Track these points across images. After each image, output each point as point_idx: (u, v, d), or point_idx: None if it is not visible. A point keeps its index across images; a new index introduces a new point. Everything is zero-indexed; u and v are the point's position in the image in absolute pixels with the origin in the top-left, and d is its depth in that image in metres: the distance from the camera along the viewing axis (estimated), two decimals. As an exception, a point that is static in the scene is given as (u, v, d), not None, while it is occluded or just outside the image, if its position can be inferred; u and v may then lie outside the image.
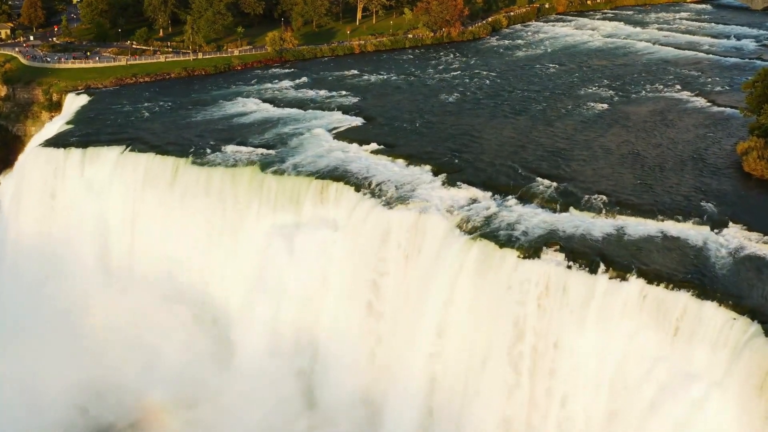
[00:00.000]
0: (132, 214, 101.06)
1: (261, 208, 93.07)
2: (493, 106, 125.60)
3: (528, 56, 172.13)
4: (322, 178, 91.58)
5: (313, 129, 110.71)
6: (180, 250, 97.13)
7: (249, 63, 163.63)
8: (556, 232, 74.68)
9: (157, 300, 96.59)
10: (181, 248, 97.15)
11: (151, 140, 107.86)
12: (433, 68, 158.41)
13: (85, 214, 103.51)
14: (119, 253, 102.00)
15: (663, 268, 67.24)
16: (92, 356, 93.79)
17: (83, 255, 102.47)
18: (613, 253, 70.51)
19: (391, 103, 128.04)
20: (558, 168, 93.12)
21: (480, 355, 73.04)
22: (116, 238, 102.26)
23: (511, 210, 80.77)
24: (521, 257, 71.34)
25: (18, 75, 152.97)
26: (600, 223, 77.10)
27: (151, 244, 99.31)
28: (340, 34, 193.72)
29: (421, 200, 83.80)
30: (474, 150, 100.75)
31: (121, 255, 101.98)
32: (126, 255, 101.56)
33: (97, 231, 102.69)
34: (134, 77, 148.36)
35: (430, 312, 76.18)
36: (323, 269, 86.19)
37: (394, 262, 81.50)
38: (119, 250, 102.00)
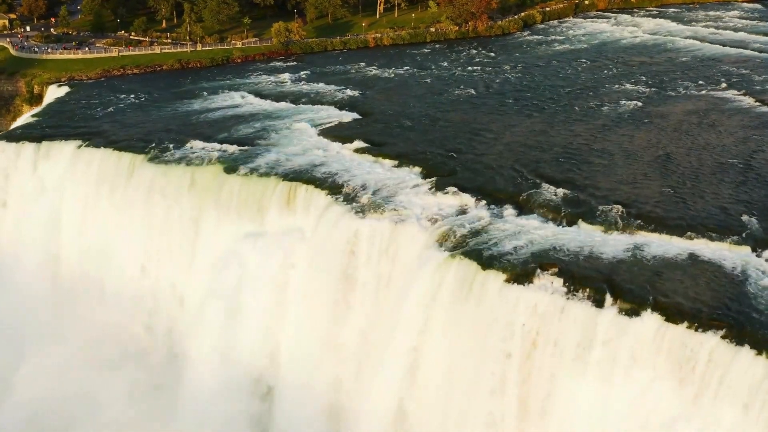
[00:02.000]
0: (83, 218, 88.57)
1: (220, 214, 79.69)
2: (509, 103, 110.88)
3: (559, 52, 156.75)
4: (290, 180, 77.97)
5: (297, 124, 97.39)
6: (131, 265, 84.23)
7: (251, 55, 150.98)
8: (557, 251, 59.96)
9: (107, 316, 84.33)
10: (132, 262, 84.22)
11: (117, 135, 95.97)
12: (450, 63, 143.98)
13: (35, 218, 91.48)
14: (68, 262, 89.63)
15: (687, 301, 52.18)
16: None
17: (31, 264, 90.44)
18: (624, 278, 55.62)
19: (394, 98, 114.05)
20: (571, 173, 78.30)
21: (456, 405, 58.49)
22: (67, 245, 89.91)
23: (506, 221, 66.22)
24: (508, 282, 56.72)
25: (3, 66, 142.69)
26: (613, 241, 62.22)
27: (101, 254, 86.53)
28: (357, 27, 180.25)
29: (400, 208, 69.71)
30: (476, 151, 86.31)
31: (71, 265, 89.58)
32: (76, 265, 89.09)
33: (46, 237, 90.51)
34: (122, 69, 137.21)
35: (399, 348, 61.85)
36: (283, 290, 72.41)
37: (362, 282, 67.50)
38: (68, 260, 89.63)
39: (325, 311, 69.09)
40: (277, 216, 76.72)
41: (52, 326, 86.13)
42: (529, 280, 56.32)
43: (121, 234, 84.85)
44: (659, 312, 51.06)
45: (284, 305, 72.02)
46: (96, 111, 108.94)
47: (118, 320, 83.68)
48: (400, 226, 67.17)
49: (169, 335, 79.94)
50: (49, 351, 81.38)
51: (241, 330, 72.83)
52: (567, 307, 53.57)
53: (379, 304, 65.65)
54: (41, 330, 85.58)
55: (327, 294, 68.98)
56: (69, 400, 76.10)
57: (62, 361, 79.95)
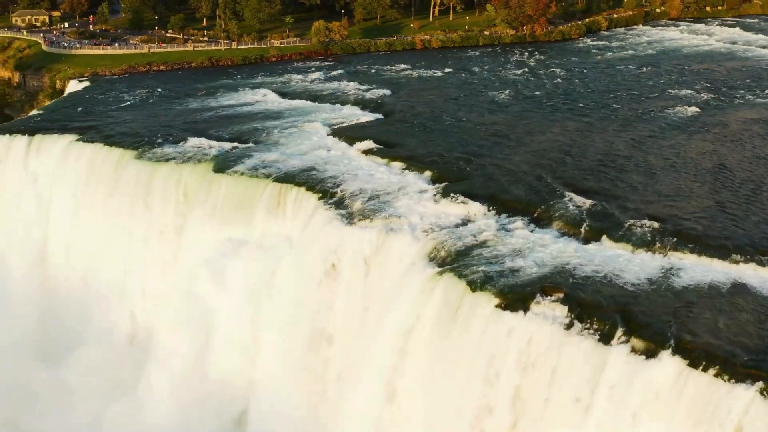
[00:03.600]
0: (70, 215, 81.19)
1: (205, 216, 71.07)
2: (550, 107, 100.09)
3: (619, 57, 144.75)
4: (282, 182, 68.98)
5: (310, 123, 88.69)
6: (112, 267, 76.29)
7: (287, 55, 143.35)
8: (568, 272, 49.37)
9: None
10: (113, 265, 76.27)
11: (116, 130, 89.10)
12: (497, 66, 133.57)
13: (25, 216, 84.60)
14: (55, 262, 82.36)
15: (719, 341, 41.09)
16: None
17: (18, 268, 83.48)
18: (645, 309, 44.77)
19: (425, 99, 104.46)
20: (604, 182, 67.46)
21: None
22: (54, 243, 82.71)
23: (513, 235, 55.80)
24: (500, 307, 46.37)
25: (31, 61, 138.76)
26: (640, 262, 51.34)
27: (86, 254, 79.01)
28: (407, 29, 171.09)
29: (395, 215, 59.93)
30: (500, 155, 76.06)
31: (58, 269, 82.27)
32: (63, 268, 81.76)
33: (33, 234, 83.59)
34: (148, 65, 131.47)
35: (373, 380, 51.99)
36: (261, 306, 63.27)
37: (343, 299, 57.89)
38: (55, 260, 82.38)
39: (304, 332, 59.70)
40: (263, 221, 67.91)
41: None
42: (526, 306, 45.91)
43: (105, 235, 77.16)
44: (682, 354, 40.14)
45: (261, 323, 62.75)
46: (105, 106, 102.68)
47: (96, 325, 75.96)
48: (389, 236, 57.43)
49: (138, 344, 71.62)
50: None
51: (213, 349, 63.87)
52: (568, 341, 42.95)
53: (357, 327, 55.86)
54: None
55: (306, 313, 59.57)
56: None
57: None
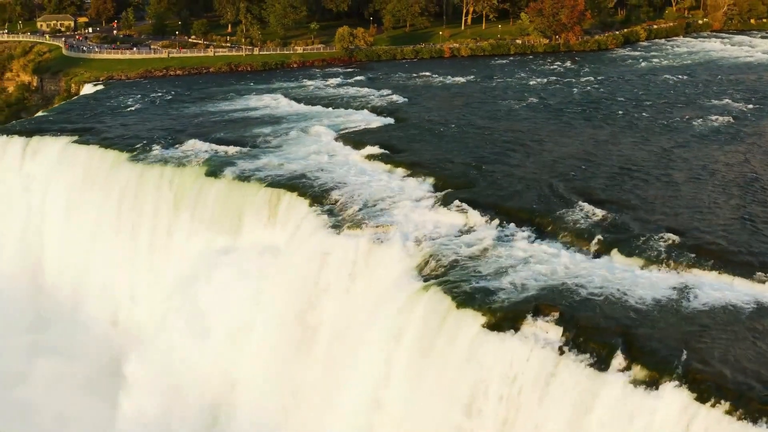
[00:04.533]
0: (63, 218, 77.94)
1: (193, 222, 66.98)
2: (575, 114, 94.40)
3: (655, 67, 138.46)
4: (275, 187, 64.51)
5: (316, 128, 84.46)
6: (97, 275, 72.72)
7: (309, 61, 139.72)
8: (569, 289, 43.89)
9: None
10: (98, 273, 72.67)
11: (115, 132, 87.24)
12: (526, 74, 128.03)
13: (18, 218, 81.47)
14: (49, 270, 78.92)
15: (734, 372, 35.36)
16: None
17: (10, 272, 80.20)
18: (651, 333, 39.16)
19: (444, 105, 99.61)
20: (622, 192, 61.74)
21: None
22: (47, 250, 79.41)
23: (513, 246, 50.43)
24: (487, 327, 41.03)
25: (50, 65, 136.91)
26: (652, 278, 45.64)
27: (75, 261, 75.51)
28: (437, 38, 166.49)
29: (387, 224, 54.96)
30: (513, 162, 70.72)
31: (51, 273, 78.82)
32: (55, 272, 78.31)
33: (27, 238, 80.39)
34: (165, 70, 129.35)
35: (355, 394, 46.99)
36: (244, 320, 58.58)
37: (327, 313, 52.98)
38: (49, 267, 79.02)
39: (286, 349, 54.90)
40: (253, 229, 63.48)
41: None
42: (516, 326, 40.52)
43: (93, 239, 73.65)
44: (689, 385, 34.51)
45: (243, 337, 58.06)
46: (111, 109, 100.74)
47: (82, 329, 72.15)
48: (378, 246, 52.46)
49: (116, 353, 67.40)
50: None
51: (191, 363, 59.35)
52: (559, 368, 37.48)
53: (339, 344, 50.88)
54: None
55: (288, 329, 54.82)
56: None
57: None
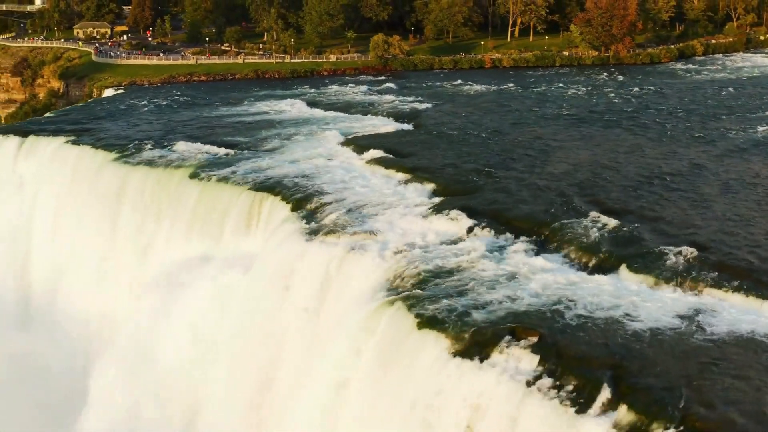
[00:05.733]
0: (53, 220, 73.43)
1: (174, 227, 61.61)
2: (610, 122, 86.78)
3: (706, 80, 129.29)
4: (258, 190, 58.86)
5: (325, 132, 79.04)
6: (77, 280, 67.89)
7: (341, 69, 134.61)
8: (556, 310, 36.82)
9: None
10: (78, 277, 67.81)
11: (115, 133, 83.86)
12: (567, 84, 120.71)
13: (9, 219, 77.41)
14: (36, 272, 74.46)
15: (742, 419, 28.01)
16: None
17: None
18: (647, 365, 31.98)
19: (469, 112, 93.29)
20: (642, 201, 54.36)
21: None
22: (36, 252, 75.06)
23: (504, 259, 43.58)
24: (450, 352, 34.22)
25: (77, 71, 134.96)
26: (662, 300, 38.35)
27: (60, 264, 71.04)
28: (481, 48, 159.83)
29: (369, 231, 48.54)
30: (527, 168, 63.86)
31: (38, 275, 74.33)
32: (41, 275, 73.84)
33: (16, 242, 76.15)
34: (189, 76, 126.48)
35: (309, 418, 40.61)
36: (208, 333, 52.74)
37: (294, 326, 46.79)
38: (36, 269, 74.53)
39: (253, 364, 48.91)
40: (233, 234, 57.72)
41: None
42: (484, 352, 33.63)
43: (77, 241, 69.13)
44: None
45: (209, 352, 52.17)
46: (120, 111, 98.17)
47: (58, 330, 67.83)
48: (353, 255, 46.04)
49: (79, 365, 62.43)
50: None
51: (151, 380, 53.70)
52: (526, 404, 30.48)
53: (300, 362, 44.63)
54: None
55: (255, 342, 48.80)
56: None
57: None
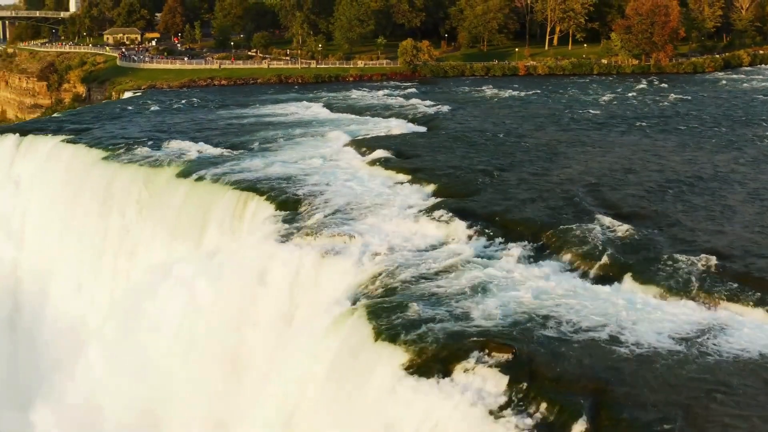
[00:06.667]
0: (44, 218, 70.08)
1: (157, 228, 57.60)
2: (637, 127, 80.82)
3: (750, 89, 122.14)
4: (244, 190, 54.63)
5: (332, 133, 75.08)
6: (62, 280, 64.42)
7: (367, 75, 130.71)
8: (538, 324, 31.68)
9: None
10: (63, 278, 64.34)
11: (116, 133, 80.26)
12: (602, 91, 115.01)
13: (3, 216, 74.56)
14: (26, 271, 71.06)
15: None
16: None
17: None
18: (634, 390, 26.81)
19: (490, 116, 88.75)
20: (659, 204, 49.07)
21: None
22: (27, 250, 71.61)
23: (493, 264, 38.53)
24: (407, 369, 29.25)
25: (99, 75, 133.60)
26: (670, 311, 33.23)
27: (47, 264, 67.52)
28: (516, 56, 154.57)
29: (350, 233, 43.84)
30: (539, 170, 58.79)
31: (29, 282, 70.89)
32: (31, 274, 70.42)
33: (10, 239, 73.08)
34: (210, 80, 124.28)
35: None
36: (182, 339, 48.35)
37: (260, 332, 42.35)
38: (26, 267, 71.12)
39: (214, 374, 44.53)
40: (217, 235, 53.44)
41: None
42: (445, 370, 28.66)
43: (63, 240, 65.70)
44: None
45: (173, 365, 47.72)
46: (129, 112, 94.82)
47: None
48: (328, 259, 41.37)
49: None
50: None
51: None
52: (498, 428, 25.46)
53: (265, 371, 39.99)
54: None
55: (218, 351, 44.41)
56: None
57: None
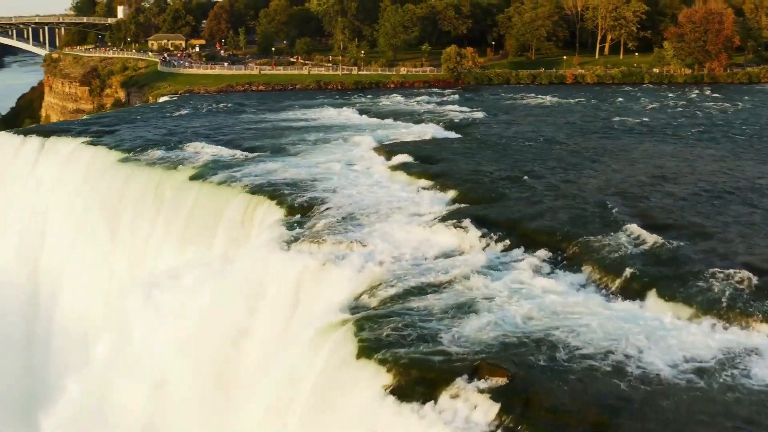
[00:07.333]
0: (63, 219, 68.36)
1: (168, 232, 55.35)
2: (678, 136, 76.72)
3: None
4: (256, 194, 52.12)
5: (359, 137, 72.44)
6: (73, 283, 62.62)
7: (409, 82, 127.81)
8: (542, 345, 28.31)
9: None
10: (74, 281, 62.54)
11: (136, 134, 78.49)
12: (649, 100, 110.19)
13: (24, 217, 73.24)
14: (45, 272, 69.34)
15: None
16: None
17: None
18: (643, 426, 22.97)
19: (529, 123, 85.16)
20: (695, 214, 45.23)
21: None
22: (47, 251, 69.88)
23: (504, 276, 35.38)
24: (388, 389, 26.06)
25: (139, 80, 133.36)
26: (697, 334, 29.79)
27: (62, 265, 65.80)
28: (564, 64, 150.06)
29: (356, 240, 40.96)
30: (569, 177, 55.16)
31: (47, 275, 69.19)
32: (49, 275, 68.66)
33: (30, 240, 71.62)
34: (248, 85, 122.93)
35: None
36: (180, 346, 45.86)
37: (255, 343, 39.56)
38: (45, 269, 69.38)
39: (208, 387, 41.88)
40: (225, 240, 51.01)
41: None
42: (431, 394, 25.43)
43: (79, 244, 64.07)
44: None
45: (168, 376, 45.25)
46: (157, 115, 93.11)
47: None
48: (329, 267, 38.40)
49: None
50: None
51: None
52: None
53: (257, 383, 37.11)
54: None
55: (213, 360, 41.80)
56: None
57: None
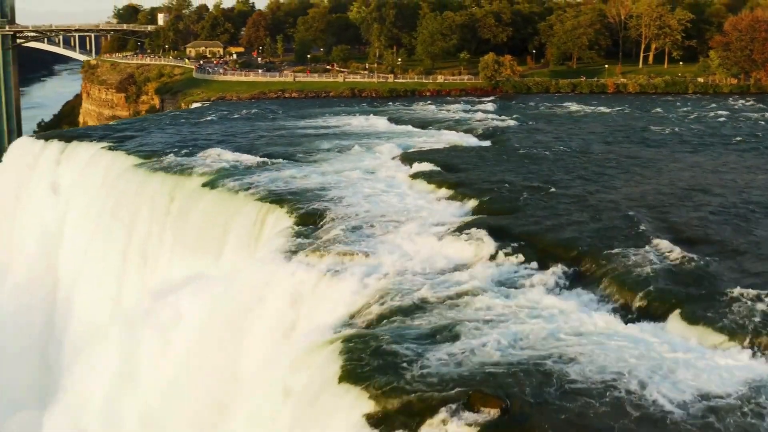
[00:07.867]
0: (79, 224, 67.07)
1: (177, 242, 53.35)
2: (717, 147, 73.01)
3: None
4: (268, 201, 50.06)
5: (382, 145, 69.90)
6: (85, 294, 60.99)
7: (445, 90, 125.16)
8: (546, 372, 25.56)
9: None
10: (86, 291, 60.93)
11: (157, 140, 77.31)
12: (692, 109, 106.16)
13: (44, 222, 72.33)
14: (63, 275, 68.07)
15: None
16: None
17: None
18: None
19: (564, 133, 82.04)
20: (726, 232, 41.69)
21: None
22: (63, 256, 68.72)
23: (513, 293, 32.80)
24: (367, 417, 23.52)
25: (173, 86, 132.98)
26: (720, 363, 26.82)
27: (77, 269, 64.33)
28: (606, 73, 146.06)
29: (362, 251, 38.57)
30: (598, 188, 52.38)
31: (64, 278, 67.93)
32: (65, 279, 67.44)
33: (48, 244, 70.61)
34: (280, 92, 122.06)
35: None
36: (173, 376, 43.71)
37: (252, 358, 37.22)
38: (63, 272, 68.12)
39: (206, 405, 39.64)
40: (232, 249, 49.02)
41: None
42: (414, 425, 22.81)
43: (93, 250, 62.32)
44: None
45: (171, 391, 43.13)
46: (182, 121, 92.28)
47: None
48: (327, 279, 36.11)
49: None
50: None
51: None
52: None
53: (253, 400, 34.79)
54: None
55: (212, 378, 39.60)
56: None
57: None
